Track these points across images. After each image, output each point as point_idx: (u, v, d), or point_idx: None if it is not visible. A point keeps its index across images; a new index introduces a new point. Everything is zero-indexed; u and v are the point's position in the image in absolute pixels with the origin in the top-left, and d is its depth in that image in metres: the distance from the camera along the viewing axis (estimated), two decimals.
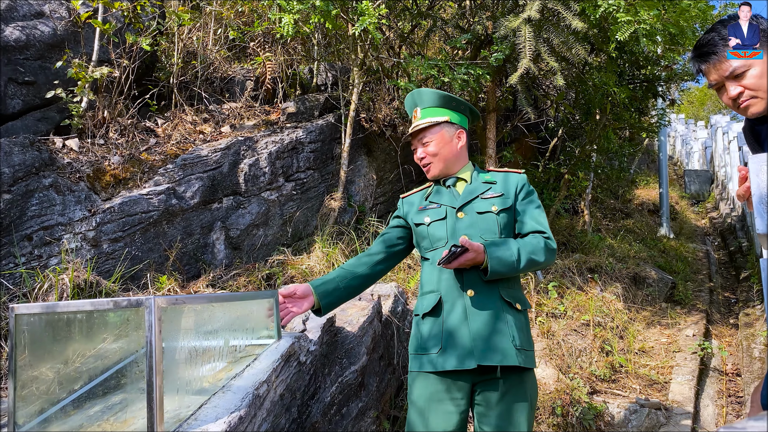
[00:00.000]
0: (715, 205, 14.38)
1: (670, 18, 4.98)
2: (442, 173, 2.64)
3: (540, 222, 2.54)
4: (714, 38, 2.09)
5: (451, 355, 2.37)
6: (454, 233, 2.52)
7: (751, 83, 2.09)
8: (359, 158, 5.72)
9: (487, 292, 2.44)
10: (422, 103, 2.65)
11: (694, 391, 4.52)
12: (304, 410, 2.53)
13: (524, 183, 2.63)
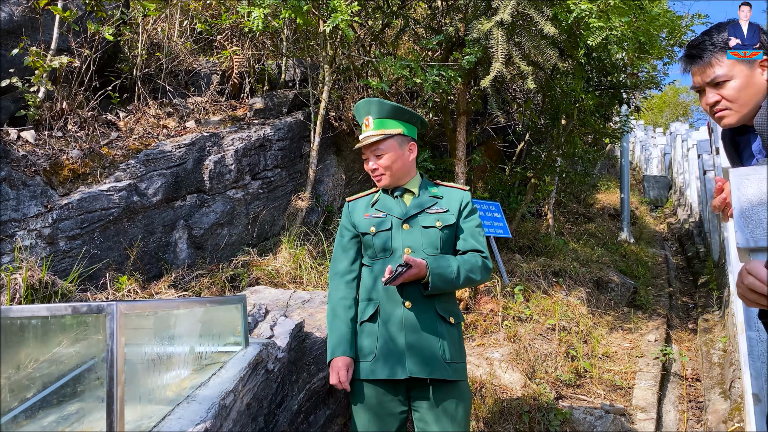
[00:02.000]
0: (673, 211, 14.75)
1: (640, 26, 5.04)
2: (392, 184, 2.69)
3: (479, 241, 2.66)
4: (705, 42, 2.09)
5: (384, 364, 2.45)
6: (399, 245, 2.58)
7: (729, 94, 2.10)
8: (328, 157, 5.63)
9: (424, 306, 2.53)
10: (375, 113, 2.66)
11: (657, 397, 4.58)
12: (270, 419, 2.44)
13: (468, 201, 2.73)
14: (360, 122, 2.73)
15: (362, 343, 2.55)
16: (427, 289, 2.50)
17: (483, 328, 4.96)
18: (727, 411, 4.12)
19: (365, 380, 2.51)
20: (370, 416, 2.50)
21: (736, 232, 1.90)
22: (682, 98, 31.91)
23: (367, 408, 2.51)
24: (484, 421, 3.85)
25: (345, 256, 2.72)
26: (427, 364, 2.46)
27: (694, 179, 11.74)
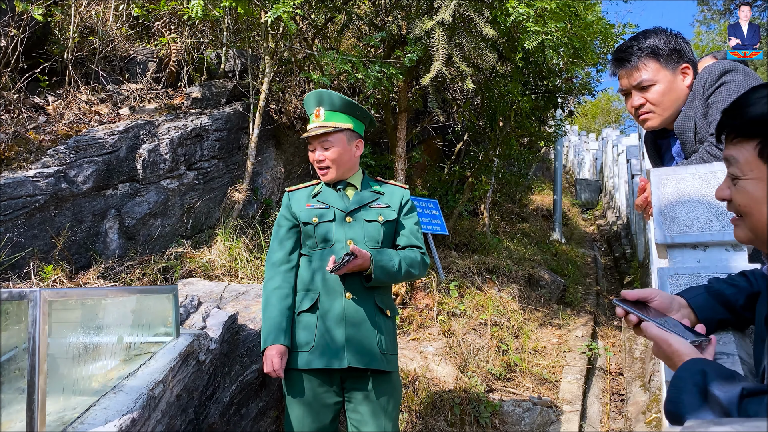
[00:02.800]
0: (602, 213, 15.33)
1: (575, 32, 5.22)
2: (337, 178, 2.73)
3: (418, 237, 2.75)
4: (632, 47, 2.19)
5: (322, 354, 2.49)
6: (341, 237, 2.61)
7: (653, 98, 2.22)
8: (267, 150, 5.57)
9: (364, 297, 2.59)
10: (328, 105, 2.68)
11: (582, 390, 4.77)
12: (201, 411, 2.41)
13: (408, 198, 2.81)
14: (309, 112, 2.73)
15: (299, 333, 2.56)
16: (370, 281, 2.55)
17: (418, 322, 5.03)
18: (646, 402, 4.33)
19: (301, 371, 2.52)
20: (305, 407, 2.52)
21: (655, 228, 2.01)
22: (615, 105, 33.17)
23: (302, 399, 2.52)
24: (416, 414, 3.91)
25: (282, 246, 2.72)
26: (365, 354, 2.50)
27: (623, 183, 12.24)
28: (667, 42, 2.19)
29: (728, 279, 1.58)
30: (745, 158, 1.19)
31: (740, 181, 1.21)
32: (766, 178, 1.16)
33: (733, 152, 1.22)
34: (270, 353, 2.50)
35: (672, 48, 2.19)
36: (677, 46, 2.20)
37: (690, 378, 1.19)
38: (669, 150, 2.44)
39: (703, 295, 1.52)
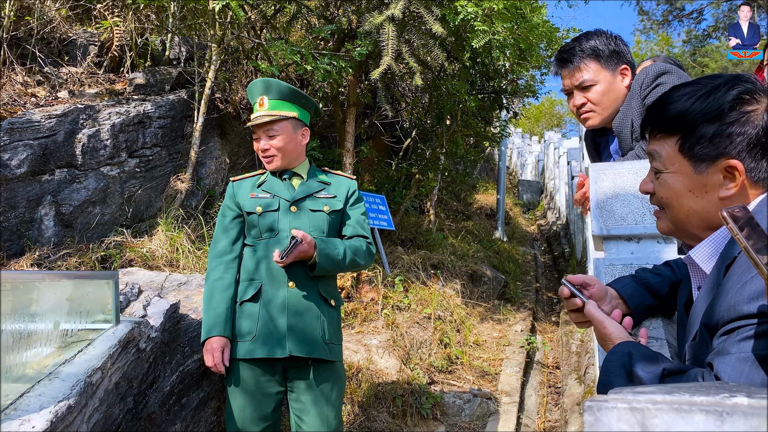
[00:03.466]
0: (543, 214, 15.75)
1: (521, 33, 5.34)
2: (282, 167, 2.71)
3: (364, 228, 2.77)
4: (575, 48, 2.27)
5: (264, 343, 2.49)
6: (286, 227, 2.60)
7: (594, 98, 2.31)
8: (212, 140, 5.48)
9: (308, 286, 2.58)
10: (272, 93, 2.67)
11: (521, 382, 4.90)
12: (140, 400, 2.36)
13: (355, 189, 2.82)
14: (253, 101, 2.71)
15: (241, 323, 2.55)
16: (314, 270, 2.54)
17: (363, 316, 5.06)
18: (581, 394, 4.49)
19: (243, 360, 2.51)
20: (247, 397, 2.51)
21: (592, 221, 2.10)
22: (557, 109, 34.09)
23: (244, 388, 2.51)
24: (359, 405, 3.93)
25: (226, 236, 2.70)
26: (307, 343, 2.51)
27: (563, 185, 12.61)
28: (607, 44, 2.29)
29: (653, 269, 1.67)
30: (667, 153, 1.26)
31: (662, 175, 1.28)
32: (686, 172, 1.23)
33: (656, 147, 1.29)
34: (212, 345, 2.48)
35: (612, 50, 2.28)
36: (617, 48, 2.30)
37: (617, 360, 1.26)
38: (607, 147, 2.55)
39: (631, 285, 1.60)
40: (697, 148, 1.20)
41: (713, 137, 1.18)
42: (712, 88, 1.21)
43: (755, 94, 1.19)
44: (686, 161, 1.22)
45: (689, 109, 1.21)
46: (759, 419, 0.58)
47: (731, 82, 1.21)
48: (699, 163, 1.20)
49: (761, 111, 1.17)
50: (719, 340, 1.08)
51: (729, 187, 1.18)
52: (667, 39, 26.68)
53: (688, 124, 1.21)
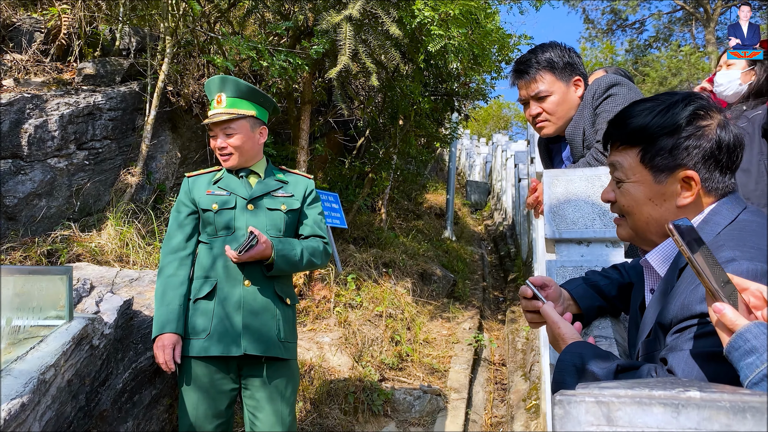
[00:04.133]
0: (490, 214, 16.06)
1: (475, 39, 5.45)
2: (239, 165, 2.71)
3: (321, 227, 2.79)
4: (531, 60, 2.36)
5: (219, 341, 2.49)
6: (243, 225, 2.60)
7: (549, 108, 2.41)
8: (163, 133, 5.37)
9: (264, 285, 2.59)
10: (230, 91, 2.66)
11: (469, 379, 5.01)
12: (93, 397, 2.32)
13: (312, 188, 2.83)
14: (210, 97, 2.69)
15: (195, 320, 2.54)
16: (271, 270, 2.55)
17: (315, 313, 5.07)
18: (527, 390, 4.64)
19: (196, 358, 2.50)
20: (200, 394, 2.50)
21: (545, 224, 2.19)
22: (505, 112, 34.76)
23: (198, 386, 2.50)
24: (311, 402, 3.96)
25: (180, 232, 2.67)
26: (262, 342, 2.51)
27: (510, 186, 12.89)
28: (561, 56, 2.39)
29: (602, 272, 1.77)
30: (628, 163, 1.35)
31: (624, 185, 1.37)
32: (646, 182, 1.33)
33: (618, 158, 1.38)
34: (163, 342, 2.46)
35: (566, 62, 2.39)
36: (570, 60, 2.40)
37: (570, 360, 1.34)
38: (559, 154, 2.66)
39: (582, 286, 1.70)
40: (657, 159, 1.29)
41: (672, 149, 1.28)
42: (670, 104, 1.31)
43: (709, 110, 1.30)
44: (647, 171, 1.31)
45: (649, 124, 1.30)
46: (710, 411, 0.65)
47: (687, 99, 1.31)
48: (659, 173, 1.30)
49: (714, 126, 1.28)
50: (672, 337, 1.17)
51: (686, 196, 1.29)
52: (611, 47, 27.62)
53: (649, 137, 1.30)
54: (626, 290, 1.70)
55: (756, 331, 0.95)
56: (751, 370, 0.93)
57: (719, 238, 1.22)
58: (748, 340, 0.95)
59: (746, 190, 2.79)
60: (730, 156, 1.28)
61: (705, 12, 24.02)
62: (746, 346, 0.94)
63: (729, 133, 1.28)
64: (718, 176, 1.28)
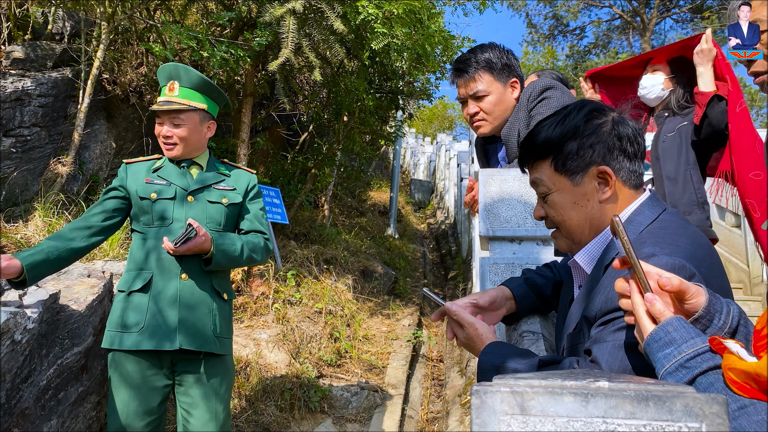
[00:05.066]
0: (433, 213, 16.24)
1: (419, 39, 5.50)
2: (182, 156, 2.65)
3: (262, 223, 2.75)
4: (470, 59, 2.40)
5: (152, 335, 2.42)
6: (181, 216, 2.55)
7: (486, 107, 2.45)
8: (97, 122, 5.19)
9: (201, 280, 2.54)
10: (184, 81, 2.60)
11: (406, 375, 5.06)
12: (13, 394, 2.22)
13: (255, 183, 2.79)
14: (162, 84, 2.62)
15: (128, 314, 2.47)
16: (209, 264, 2.50)
17: (253, 310, 5.01)
18: (463, 386, 4.72)
19: (128, 352, 2.43)
20: (131, 391, 2.43)
21: (480, 222, 2.23)
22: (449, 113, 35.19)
23: (129, 382, 2.43)
24: (246, 399, 3.91)
25: (99, 212, 2.56)
26: (198, 337, 2.47)
27: (452, 186, 13.08)
28: (500, 57, 2.44)
29: (538, 270, 1.83)
30: (546, 175, 1.42)
31: (549, 197, 1.42)
32: (566, 188, 1.38)
33: (536, 175, 1.44)
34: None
35: (504, 63, 2.43)
36: (508, 61, 2.45)
37: (490, 360, 1.39)
38: (495, 154, 2.71)
39: (522, 286, 1.76)
40: (568, 163, 1.36)
41: (578, 150, 1.36)
42: (566, 114, 1.41)
43: (602, 110, 1.40)
44: (564, 178, 1.37)
45: (552, 134, 1.39)
46: (616, 400, 0.68)
47: (579, 106, 1.42)
48: (574, 176, 1.36)
49: (609, 122, 1.38)
50: (597, 329, 1.22)
51: (605, 191, 1.36)
52: (552, 52, 28.36)
53: (555, 146, 1.39)
54: (559, 288, 1.76)
55: (677, 324, 1.01)
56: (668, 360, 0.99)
57: (642, 236, 1.29)
58: (668, 332, 1.01)
59: (674, 198, 2.91)
60: (632, 144, 1.37)
61: (642, 22, 25.00)
62: (666, 338, 1.00)
63: (626, 125, 1.38)
64: (627, 165, 1.37)
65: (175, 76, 2.60)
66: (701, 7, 24.35)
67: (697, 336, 1.00)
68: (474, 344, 1.51)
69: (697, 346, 0.98)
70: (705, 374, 0.95)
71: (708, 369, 0.95)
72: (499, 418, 0.71)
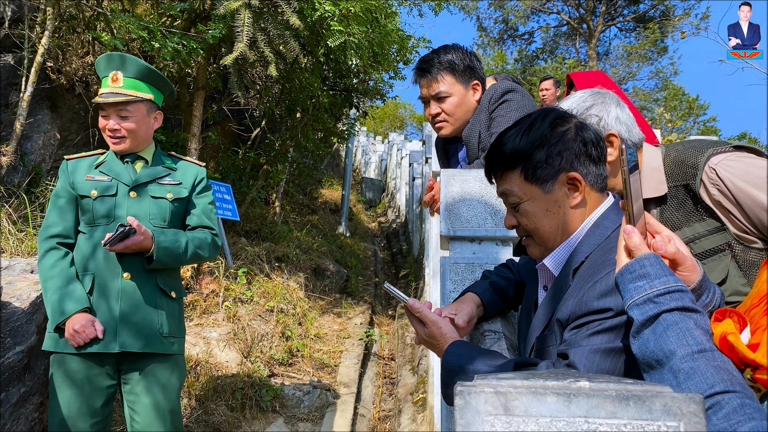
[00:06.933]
0: (384, 212, 16.29)
1: (375, 38, 5.49)
2: (129, 150, 2.58)
3: (210, 218, 2.69)
4: (434, 60, 2.41)
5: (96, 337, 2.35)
6: (124, 213, 2.48)
7: (448, 109, 2.47)
8: (41, 112, 4.98)
9: (144, 278, 2.48)
10: (128, 71, 2.53)
11: (358, 374, 5.06)
12: None
13: (203, 177, 2.73)
14: (104, 74, 2.52)
15: None
16: (151, 263, 2.43)
17: (203, 308, 4.91)
18: (414, 384, 4.75)
19: (70, 354, 2.35)
20: (75, 391, 2.35)
21: (441, 222, 2.24)
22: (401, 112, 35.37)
23: (72, 383, 2.35)
24: (196, 398, 3.83)
25: (61, 219, 2.50)
26: (141, 337, 2.41)
27: (404, 185, 13.14)
28: (462, 59, 2.46)
29: (498, 271, 1.85)
30: (516, 185, 1.43)
31: (521, 206, 1.44)
32: (538, 196, 1.41)
33: (506, 185, 1.46)
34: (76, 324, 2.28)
35: (467, 65, 2.46)
36: (471, 63, 2.48)
37: (456, 361, 1.40)
38: (456, 154, 2.74)
39: (489, 292, 1.78)
40: (538, 171, 1.38)
41: (547, 159, 1.39)
42: (531, 122, 1.43)
43: (564, 117, 1.44)
44: (535, 186, 1.40)
45: (520, 144, 1.41)
46: (598, 399, 0.70)
47: (543, 113, 1.45)
48: (545, 184, 1.38)
49: (573, 128, 1.41)
50: (571, 332, 1.24)
51: (575, 196, 1.39)
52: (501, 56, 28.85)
53: (524, 155, 1.41)
54: (520, 288, 1.79)
55: (653, 260, 1.06)
56: (638, 292, 1.04)
57: (609, 241, 1.33)
58: (644, 266, 1.05)
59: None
60: (596, 148, 1.41)
61: (588, 29, 25.74)
62: (641, 271, 1.05)
63: (588, 131, 1.42)
64: (593, 169, 1.41)
65: (119, 66, 2.51)
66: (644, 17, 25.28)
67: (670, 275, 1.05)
68: (437, 343, 1.51)
69: (669, 284, 1.03)
70: (671, 312, 1.00)
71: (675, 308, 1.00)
72: (483, 419, 0.71)
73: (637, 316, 1.03)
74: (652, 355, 0.99)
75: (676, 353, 0.96)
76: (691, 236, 1.67)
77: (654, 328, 1.01)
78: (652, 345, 1.00)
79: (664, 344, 0.98)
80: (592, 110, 1.72)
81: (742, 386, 0.92)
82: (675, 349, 0.97)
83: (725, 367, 0.94)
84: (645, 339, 1.02)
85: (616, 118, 1.71)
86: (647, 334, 1.01)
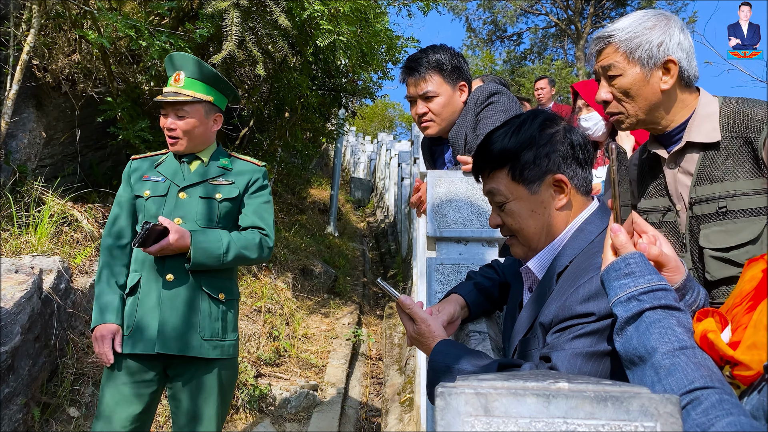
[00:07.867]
0: (373, 212, 16.29)
1: (364, 37, 5.50)
2: (186, 151, 2.55)
3: (263, 218, 2.59)
4: (422, 59, 2.43)
5: (139, 338, 2.36)
6: (170, 213, 2.45)
7: (435, 109, 2.48)
8: (26, 110, 4.93)
9: (188, 280, 2.43)
10: (190, 72, 2.51)
11: (346, 374, 5.06)
12: None
13: (259, 177, 2.65)
14: (169, 73, 2.52)
15: (125, 315, 2.43)
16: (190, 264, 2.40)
17: None
18: (402, 384, 4.76)
19: (121, 355, 2.38)
20: (117, 393, 2.35)
21: (427, 223, 2.25)
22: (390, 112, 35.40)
23: (116, 384, 2.36)
24: None
25: (122, 217, 2.52)
26: (179, 340, 2.37)
27: (393, 185, 13.15)
28: (450, 60, 2.47)
29: (483, 272, 1.86)
30: (504, 185, 1.44)
31: (506, 206, 1.45)
32: (524, 196, 1.42)
33: (493, 184, 1.47)
34: (100, 333, 2.33)
35: (454, 65, 2.47)
36: (458, 64, 2.49)
37: (442, 360, 1.40)
38: (442, 156, 2.75)
39: (474, 293, 1.79)
40: (525, 172, 1.39)
41: (535, 160, 1.40)
42: (520, 123, 1.44)
43: (553, 119, 1.45)
44: (521, 187, 1.41)
45: (509, 144, 1.42)
46: (576, 400, 0.71)
47: (532, 115, 1.45)
48: (531, 185, 1.40)
49: (562, 131, 1.42)
50: (553, 336, 1.25)
51: (561, 198, 1.40)
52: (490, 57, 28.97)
53: (512, 156, 1.41)
54: (505, 289, 1.80)
55: (638, 258, 1.08)
56: (622, 290, 1.06)
57: (593, 246, 1.34)
58: (629, 264, 1.07)
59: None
60: (583, 151, 1.43)
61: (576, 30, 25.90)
62: (626, 269, 1.07)
63: (576, 134, 1.43)
64: (580, 172, 1.43)
65: (181, 66, 2.51)
66: None
67: (654, 273, 1.07)
68: (425, 340, 1.52)
69: (653, 283, 1.05)
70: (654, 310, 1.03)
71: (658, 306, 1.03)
72: (463, 420, 0.72)
73: (621, 314, 1.05)
74: (635, 351, 1.02)
75: (657, 350, 0.99)
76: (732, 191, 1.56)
77: (637, 325, 1.03)
78: (635, 342, 1.02)
79: (647, 341, 1.00)
80: (654, 31, 1.59)
81: (721, 383, 0.94)
82: (657, 345, 0.99)
83: (705, 364, 0.96)
84: (628, 336, 1.04)
85: (678, 44, 1.59)
86: (630, 331, 1.04)
